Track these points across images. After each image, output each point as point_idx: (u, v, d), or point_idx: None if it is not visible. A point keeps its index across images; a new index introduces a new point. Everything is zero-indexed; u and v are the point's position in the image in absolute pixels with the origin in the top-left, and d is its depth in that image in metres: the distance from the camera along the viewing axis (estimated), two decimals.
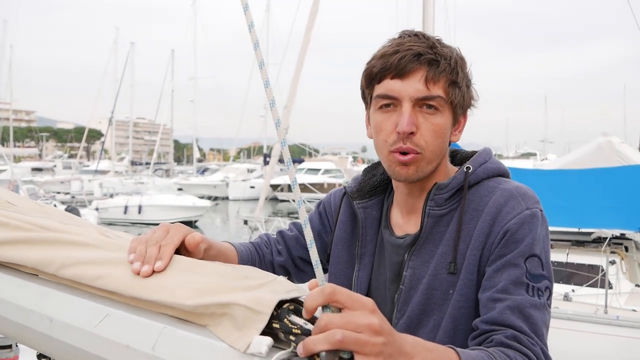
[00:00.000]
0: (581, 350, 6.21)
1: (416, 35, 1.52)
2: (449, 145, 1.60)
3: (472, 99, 1.59)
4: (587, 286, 8.01)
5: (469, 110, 1.61)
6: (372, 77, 1.52)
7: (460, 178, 1.52)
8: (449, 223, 1.51)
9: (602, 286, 7.35)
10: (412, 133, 1.45)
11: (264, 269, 1.79)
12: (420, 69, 1.45)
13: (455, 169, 1.61)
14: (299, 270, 1.84)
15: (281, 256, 1.83)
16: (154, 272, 1.07)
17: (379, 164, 1.70)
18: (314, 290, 0.85)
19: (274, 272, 1.79)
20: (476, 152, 1.62)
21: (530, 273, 1.36)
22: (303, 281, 1.86)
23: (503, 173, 1.57)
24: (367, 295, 1.63)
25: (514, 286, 1.35)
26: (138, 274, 1.06)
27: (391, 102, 1.48)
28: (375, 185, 1.71)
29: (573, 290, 7.97)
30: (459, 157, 1.68)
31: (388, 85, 1.48)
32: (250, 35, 1.03)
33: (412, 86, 1.45)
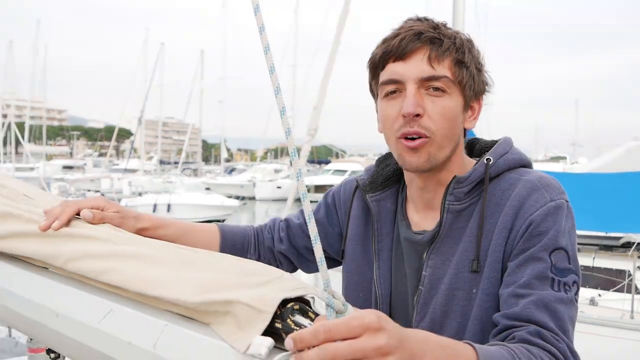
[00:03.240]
0: (606, 355, 6.10)
1: (419, 19, 1.46)
2: (465, 135, 1.52)
3: (486, 84, 1.50)
4: (614, 291, 7.89)
5: (484, 96, 1.52)
6: (375, 65, 1.47)
7: (481, 170, 1.42)
8: (468, 218, 1.42)
9: (629, 291, 7.23)
10: (418, 115, 1.37)
11: (262, 255, 1.78)
12: (422, 47, 1.39)
13: (473, 161, 1.51)
14: (304, 259, 1.79)
15: (282, 244, 1.78)
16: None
17: (391, 153, 1.59)
18: (304, 337, 0.78)
19: (274, 259, 1.79)
20: (496, 141, 1.53)
21: (555, 267, 1.28)
22: (309, 270, 1.82)
23: (525, 164, 1.48)
24: (390, 294, 1.57)
25: (538, 281, 1.27)
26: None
27: (396, 88, 1.41)
28: (389, 176, 1.62)
29: (599, 295, 7.85)
30: (477, 147, 1.60)
31: (391, 69, 1.41)
32: (260, 39, 1.00)
33: (415, 67, 1.38)
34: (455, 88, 1.41)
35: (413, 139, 1.39)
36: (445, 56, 1.39)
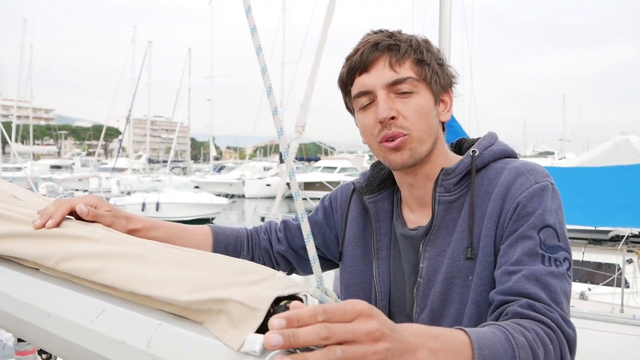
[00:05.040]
0: (597, 349, 6.12)
1: (375, 32, 1.55)
2: (444, 130, 1.59)
3: (452, 76, 1.59)
4: (604, 285, 7.93)
5: (452, 88, 1.60)
6: (345, 83, 1.56)
7: (467, 162, 1.50)
8: (460, 209, 1.48)
9: (619, 285, 7.28)
10: (393, 118, 1.45)
11: (257, 255, 1.82)
12: (381, 56, 1.48)
13: (460, 157, 1.58)
14: (302, 259, 1.82)
15: (281, 245, 1.82)
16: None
17: None
18: (302, 317, 0.76)
19: (271, 260, 1.82)
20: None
21: (545, 244, 1.32)
22: (306, 272, 1.85)
23: (510, 154, 1.55)
24: (389, 290, 1.62)
25: (528, 257, 1.31)
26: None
27: (368, 99, 1.50)
28: (384, 178, 1.70)
29: (589, 289, 7.89)
30: (465, 145, 1.66)
31: (359, 83, 1.51)
32: (252, 40, 1.00)
33: (380, 74, 1.47)
34: (421, 86, 1.49)
35: (393, 140, 1.46)
36: (405, 59, 1.48)
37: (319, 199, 1.89)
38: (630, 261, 8.03)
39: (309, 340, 0.75)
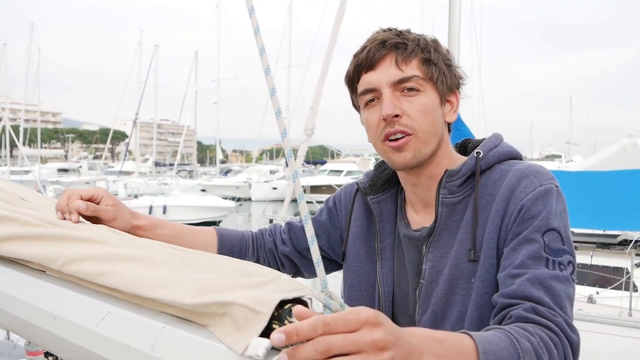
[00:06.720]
0: (604, 352, 6.09)
1: (383, 30, 1.54)
2: (450, 130, 1.58)
3: (459, 77, 1.58)
4: (612, 289, 7.90)
5: (459, 89, 1.59)
6: (351, 80, 1.56)
7: (471, 163, 1.49)
8: (464, 211, 1.47)
9: (627, 289, 7.24)
10: (397, 116, 1.44)
11: (262, 257, 1.81)
12: (388, 54, 1.48)
13: (465, 158, 1.57)
14: (307, 260, 1.81)
15: (286, 246, 1.81)
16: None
17: None
18: (301, 330, 0.76)
19: (276, 261, 1.82)
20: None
21: (549, 247, 1.31)
22: (311, 273, 1.84)
23: (515, 156, 1.53)
24: (392, 291, 1.61)
25: (532, 261, 1.30)
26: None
27: (374, 96, 1.49)
28: (388, 179, 1.69)
29: (597, 293, 7.86)
30: (470, 146, 1.65)
31: (365, 80, 1.50)
32: (255, 40, 1.00)
33: (386, 72, 1.47)
34: (427, 85, 1.48)
35: (396, 139, 1.46)
36: (411, 57, 1.47)
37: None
38: (638, 265, 8.00)
39: (309, 356, 0.75)
